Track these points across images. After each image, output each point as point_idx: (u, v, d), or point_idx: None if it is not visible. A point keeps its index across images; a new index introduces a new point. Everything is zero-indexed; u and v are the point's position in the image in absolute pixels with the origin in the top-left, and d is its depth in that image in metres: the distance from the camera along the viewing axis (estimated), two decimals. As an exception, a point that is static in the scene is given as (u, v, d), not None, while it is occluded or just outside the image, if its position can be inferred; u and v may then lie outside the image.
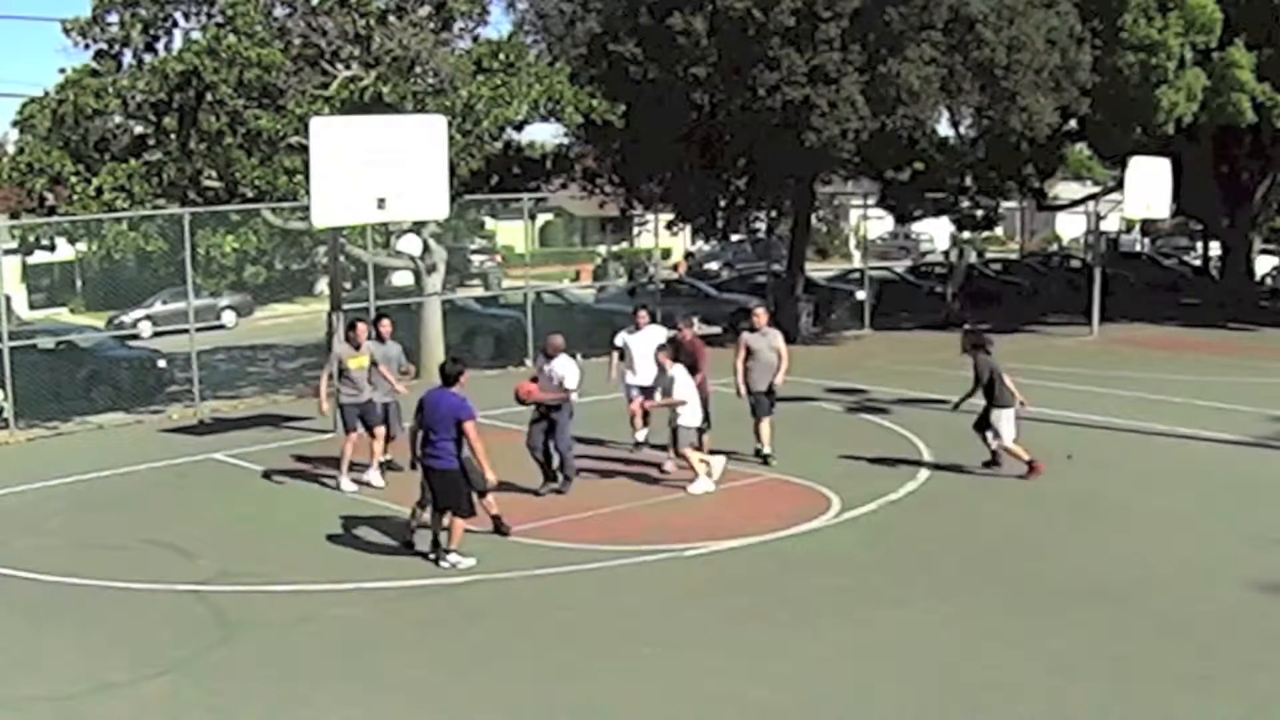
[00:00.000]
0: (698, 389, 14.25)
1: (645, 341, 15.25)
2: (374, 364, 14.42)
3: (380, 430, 14.50)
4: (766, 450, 15.07)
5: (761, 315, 15.54)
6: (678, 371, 14.17)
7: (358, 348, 14.40)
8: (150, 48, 19.95)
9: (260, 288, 39.98)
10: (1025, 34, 23.79)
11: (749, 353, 15.08)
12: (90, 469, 15.71)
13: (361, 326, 14.65)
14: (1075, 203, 36.52)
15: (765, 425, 15.07)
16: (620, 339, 15.72)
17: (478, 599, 10.63)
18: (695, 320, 16.06)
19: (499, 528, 12.22)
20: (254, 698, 8.69)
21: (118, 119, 20.01)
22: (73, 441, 18.39)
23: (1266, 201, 32.39)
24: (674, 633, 9.72)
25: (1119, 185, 28.82)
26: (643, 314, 15.88)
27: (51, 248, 20.84)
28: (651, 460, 15.19)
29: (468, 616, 10.23)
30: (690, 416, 14.04)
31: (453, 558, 11.34)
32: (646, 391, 15.15)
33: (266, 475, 15.16)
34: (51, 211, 19.72)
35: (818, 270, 35.27)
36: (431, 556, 11.49)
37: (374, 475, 14.39)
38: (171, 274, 25.92)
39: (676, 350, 14.64)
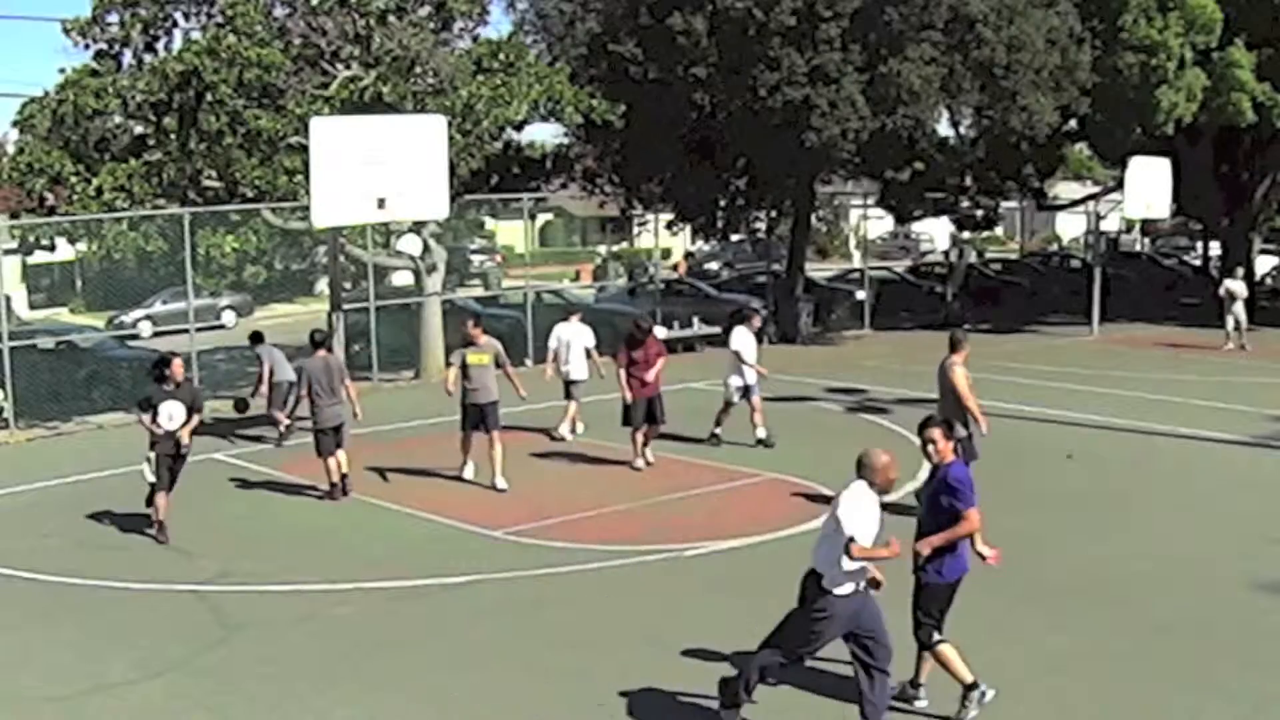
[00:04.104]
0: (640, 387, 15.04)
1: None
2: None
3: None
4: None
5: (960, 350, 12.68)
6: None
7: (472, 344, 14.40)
8: (150, 48, 19.97)
9: (260, 288, 40.05)
10: (1025, 34, 23.80)
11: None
12: (90, 469, 15.72)
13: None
14: (1075, 203, 36.49)
15: None
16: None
17: (478, 599, 10.64)
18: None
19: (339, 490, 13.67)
20: (254, 698, 8.69)
21: (118, 119, 20.01)
22: (73, 441, 18.39)
23: (1266, 201, 32.34)
24: (674, 633, 9.70)
25: (1119, 185, 28.83)
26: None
27: (51, 248, 20.86)
28: (653, 459, 15.23)
29: (468, 616, 10.23)
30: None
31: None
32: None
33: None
34: (51, 211, 19.73)
35: (818, 270, 35.23)
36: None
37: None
38: (171, 274, 25.91)
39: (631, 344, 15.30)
